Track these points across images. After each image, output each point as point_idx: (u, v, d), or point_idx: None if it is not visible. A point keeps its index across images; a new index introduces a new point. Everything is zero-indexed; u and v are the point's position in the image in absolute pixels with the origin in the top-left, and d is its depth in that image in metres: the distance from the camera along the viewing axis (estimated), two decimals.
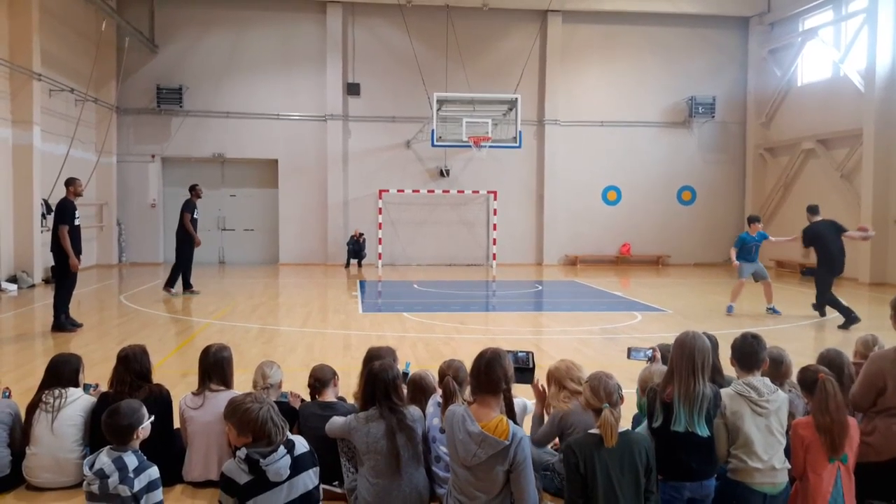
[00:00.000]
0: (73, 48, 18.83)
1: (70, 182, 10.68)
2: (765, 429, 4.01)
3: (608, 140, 23.00)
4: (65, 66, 18.06)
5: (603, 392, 3.75)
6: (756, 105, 22.95)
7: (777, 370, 4.66)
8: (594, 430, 3.75)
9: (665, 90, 23.08)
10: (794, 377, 4.76)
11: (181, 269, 14.69)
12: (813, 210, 12.42)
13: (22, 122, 15.87)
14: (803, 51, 21.40)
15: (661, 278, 19.53)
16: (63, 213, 10.40)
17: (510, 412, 4.05)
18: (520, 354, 4.78)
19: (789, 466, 4.04)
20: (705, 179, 23.43)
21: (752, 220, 13.26)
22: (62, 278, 10.57)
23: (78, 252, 10.47)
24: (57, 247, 10.39)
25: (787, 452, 4.07)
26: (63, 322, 10.46)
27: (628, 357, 5.17)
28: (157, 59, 21.33)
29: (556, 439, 4.68)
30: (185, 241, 14.69)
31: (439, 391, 4.65)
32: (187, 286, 14.72)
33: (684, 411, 3.94)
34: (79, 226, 10.65)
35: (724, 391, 4.12)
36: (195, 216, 14.88)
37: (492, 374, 3.80)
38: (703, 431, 3.95)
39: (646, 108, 23.08)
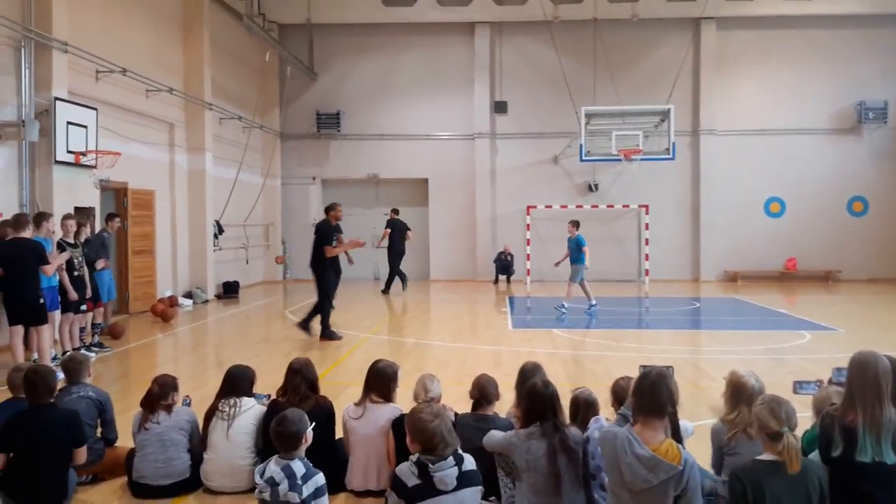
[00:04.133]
0: (240, 78, 20.19)
1: (331, 207, 11.72)
2: None
3: (769, 149, 21.82)
4: (233, 95, 19.38)
5: (784, 414, 3.50)
6: None
7: None
8: (764, 457, 3.51)
9: (830, 95, 21.62)
10: None
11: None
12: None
13: (196, 149, 17.07)
14: None
15: (832, 295, 18.24)
16: (325, 235, 11.34)
17: (676, 435, 3.88)
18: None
19: None
20: (878, 189, 21.66)
21: (579, 224, 14.74)
22: (324, 294, 11.42)
23: (337, 272, 11.49)
24: (318, 265, 11.34)
25: None
26: (330, 332, 11.37)
27: (795, 392, 4.83)
28: (316, 86, 22.47)
29: None
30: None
31: (603, 415, 4.57)
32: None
33: (870, 439, 3.61)
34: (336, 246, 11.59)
35: None
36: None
37: (657, 395, 3.61)
38: (890, 459, 3.62)
39: (809, 115, 21.71)
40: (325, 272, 11.39)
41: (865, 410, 3.65)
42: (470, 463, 3.99)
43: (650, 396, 3.63)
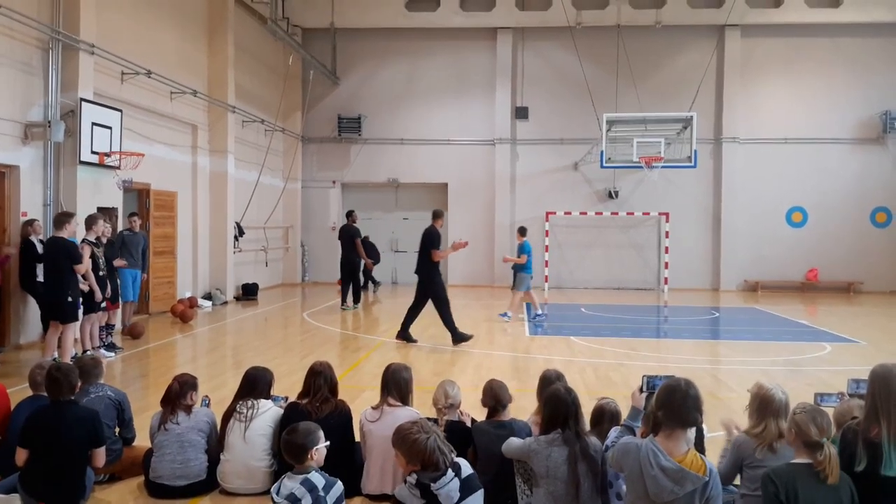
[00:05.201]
0: (263, 82, 20.31)
1: (438, 214, 12.06)
2: None
3: (792, 158, 21.63)
4: (256, 98, 19.50)
5: (825, 424, 3.49)
6: None
7: None
8: (799, 461, 3.51)
9: (855, 104, 21.40)
10: None
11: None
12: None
13: (218, 152, 17.19)
14: None
15: (853, 307, 18.01)
16: (432, 239, 11.56)
17: (700, 445, 3.83)
18: (657, 380, 4.21)
19: None
20: None
21: (525, 231, 14.87)
22: (437, 298, 11.55)
23: (440, 274, 11.71)
24: (424, 270, 11.52)
25: None
26: (459, 334, 11.44)
27: (816, 404, 4.78)
28: (338, 90, 22.57)
29: None
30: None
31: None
32: (357, 300, 16.22)
33: None
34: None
35: None
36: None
37: (687, 407, 3.53)
38: None
39: (834, 124, 21.50)
40: (433, 276, 11.53)
41: (890, 424, 3.61)
42: (466, 467, 3.93)
43: (683, 409, 3.52)
